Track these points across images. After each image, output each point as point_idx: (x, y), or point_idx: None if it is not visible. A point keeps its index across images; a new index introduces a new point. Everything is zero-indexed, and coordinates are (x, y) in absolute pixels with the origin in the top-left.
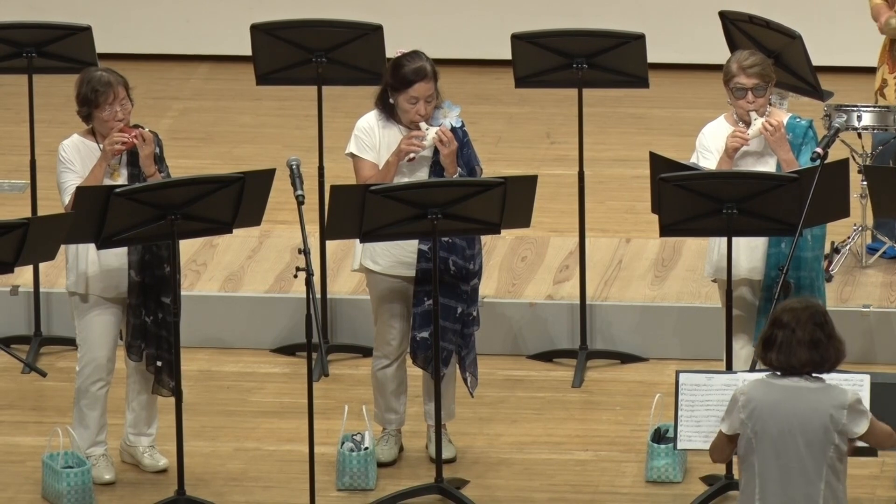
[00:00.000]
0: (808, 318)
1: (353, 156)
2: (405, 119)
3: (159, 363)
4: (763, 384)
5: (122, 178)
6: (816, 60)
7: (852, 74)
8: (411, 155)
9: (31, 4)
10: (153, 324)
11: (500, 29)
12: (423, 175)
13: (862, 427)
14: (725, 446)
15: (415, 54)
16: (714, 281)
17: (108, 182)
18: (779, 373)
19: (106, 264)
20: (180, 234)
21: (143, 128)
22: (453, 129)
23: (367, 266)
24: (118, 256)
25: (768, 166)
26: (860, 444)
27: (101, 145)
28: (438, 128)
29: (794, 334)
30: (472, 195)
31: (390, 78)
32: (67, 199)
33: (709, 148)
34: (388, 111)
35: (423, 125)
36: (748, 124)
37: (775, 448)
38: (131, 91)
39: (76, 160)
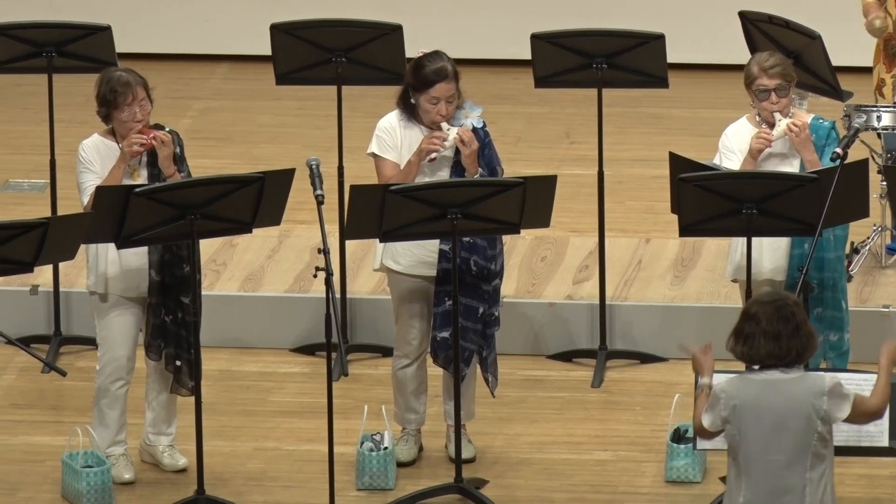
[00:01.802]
0: (774, 311)
1: (374, 156)
2: (426, 119)
3: (178, 363)
4: (741, 380)
5: (141, 179)
6: (836, 61)
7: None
8: (432, 155)
9: (50, 4)
10: (172, 323)
11: (520, 29)
12: (444, 175)
13: (844, 411)
14: (706, 433)
15: (436, 55)
16: (735, 281)
17: (127, 182)
18: (755, 367)
19: (126, 264)
20: (200, 234)
21: (164, 127)
22: (475, 130)
23: (389, 266)
24: (138, 256)
25: (792, 167)
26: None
27: (121, 145)
28: (459, 128)
29: (758, 326)
30: (491, 195)
31: (411, 78)
32: (87, 199)
33: (731, 149)
34: (410, 111)
35: (444, 125)
36: (772, 126)
37: (759, 442)
38: (151, 91)
39: (96, 160)
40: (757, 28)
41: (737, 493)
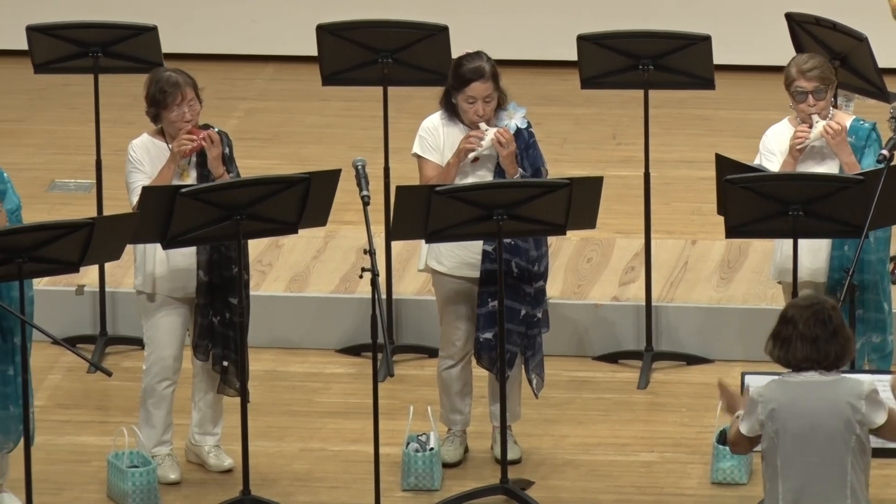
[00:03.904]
0: (812, 315)
1: (417, 156)
2: (465, 119)
3: (225, 363)
4: (779, 384)
5: (190, 179)
6: (882, 63)
7: None
8: (472, 156)
9: (97, 4)
10: (220, 324)
11: (567, 30)
12: (486, 176)
13: (881, 417)
14: (745, 443)
15: (476, 54)
16: (779, 283)
17: (177, 183)
18: (792, 371)
19: (174, 264)
20: (245, 235)
21: (212, 128)
22: (519, 130)
23: (433, 266)
24: (186, 256)
25: (830, 168)
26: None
27: (171, 146)
28: (497, 129)
29: (795, 329)
30: (537, 196)
31: (450, 77)
32: (136, 199)
33: (772, 150)
34: (452, 111)
35: (482, 125)
36: (810, 128)
37: (797, 446)
38: (201, 91)
39: (145, 160)
40: (803, 30)
41: (773, 497)
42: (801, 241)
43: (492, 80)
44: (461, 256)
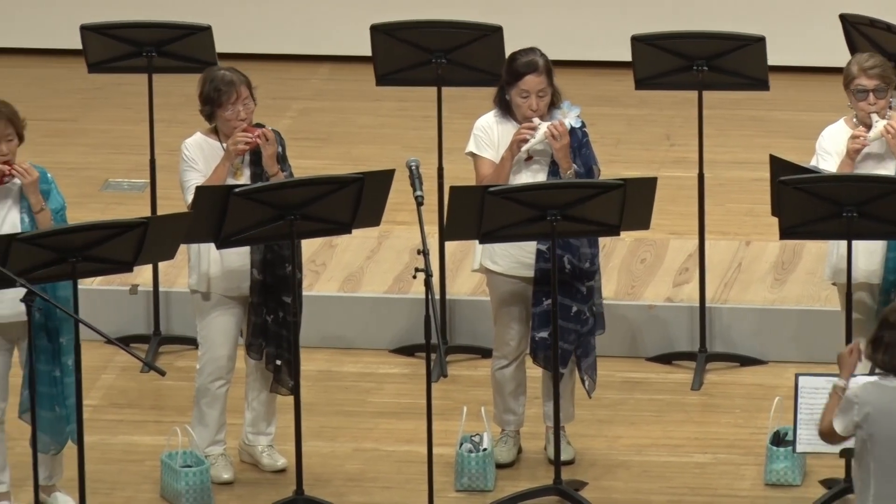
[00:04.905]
0: None
1: (472, 154)
2: (518, 114)
3: (278, 362)
4: (876, 387)
5: (244, 178)
6: None
7: None
8: (525, 148)
9: (151, 4)
10: (274, 323)
11: (621, 31)
12: (540, 172)
13: None
14: (836, 437)
15: (529, 49)
16: (833, 284)
17: (231, 181)
18: (891, 374)
19: (228, 263)
20: (299, 235)
21: (265, 127)
22: (573, 130)
23: (487, 266)
24: (241, 256)
25: (888, 170)
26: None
27: (225, 145)
28: (550, 123)
29: None
30: (591, 197)
31: (504, 72)
32: (191, 197)
33: (828, 150)
34: (505, 108)
35: (535, 120)
36: (869, 127)
37: (890, 450)
38: (255, 90)
39: (199, 159)
40: (858, 31)
41: (864, 498)
42: (856, 243)
43: (545, 75)
44: (516, 256)
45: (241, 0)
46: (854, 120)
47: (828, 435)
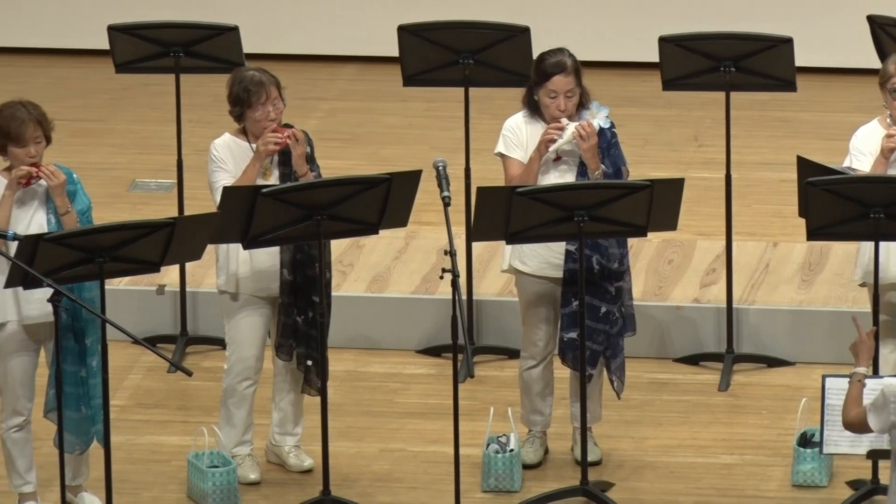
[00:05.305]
0: None
1: (501, 155)
2: (546, 115)
3: (309, 362)
4: None
5: (273, 178)
6: None
7: None
8: (553, 148)
9: (179, 5)
10: (304, 323)
11: (648, 32)
12: (568, 172)
13: None
14: (865, 428)
15: (558, 50)
16: (863, 285)
17: (260, 182)
18: None
19: (257, 264)
20: (326, 235)
21: (294, 127)
22: (602, 130)
23: (516, 267)
24: (270, 256)
25: None
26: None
27: (254, 145)
28: (578, 123)
29: None
30: (618, 198)
31: (533, 72)
32: (220, 197)
33: (862, 151)
34: (534, 109)
35: (563, 120)
36: None
37: None
38: (283, 91)
39: (228, 159)
40: (885, 32)
41: None
42: (888, 244)
43: (573, 75)
44: (544, 257)
45: (268, 1)
46: (888, 119)
47: (853, 425)
